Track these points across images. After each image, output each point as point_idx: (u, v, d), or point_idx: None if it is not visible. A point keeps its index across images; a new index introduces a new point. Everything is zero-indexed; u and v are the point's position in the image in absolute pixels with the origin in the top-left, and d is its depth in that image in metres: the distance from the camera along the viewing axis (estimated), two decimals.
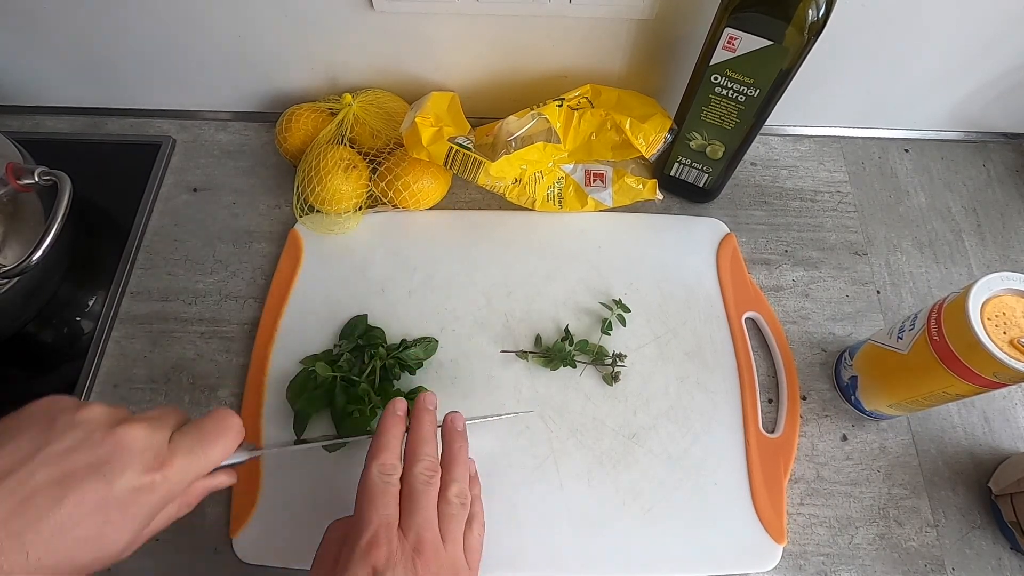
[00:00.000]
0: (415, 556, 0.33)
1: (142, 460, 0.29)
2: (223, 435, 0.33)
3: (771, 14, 0.40)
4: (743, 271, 0.55)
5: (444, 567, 0.34)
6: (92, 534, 0.27)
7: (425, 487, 0.36)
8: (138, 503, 0.29)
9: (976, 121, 0.63)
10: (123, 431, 0.29)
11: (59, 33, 0.55)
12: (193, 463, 0.31)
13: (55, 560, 0.26)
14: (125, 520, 0.28)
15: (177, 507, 0.34)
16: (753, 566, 0.43)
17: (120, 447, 0.29)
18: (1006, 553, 0.45)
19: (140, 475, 0.29)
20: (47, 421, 0.29)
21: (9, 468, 0.26)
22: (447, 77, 0.59)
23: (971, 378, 0.38)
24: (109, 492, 0.28)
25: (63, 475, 0.27)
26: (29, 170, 0.45)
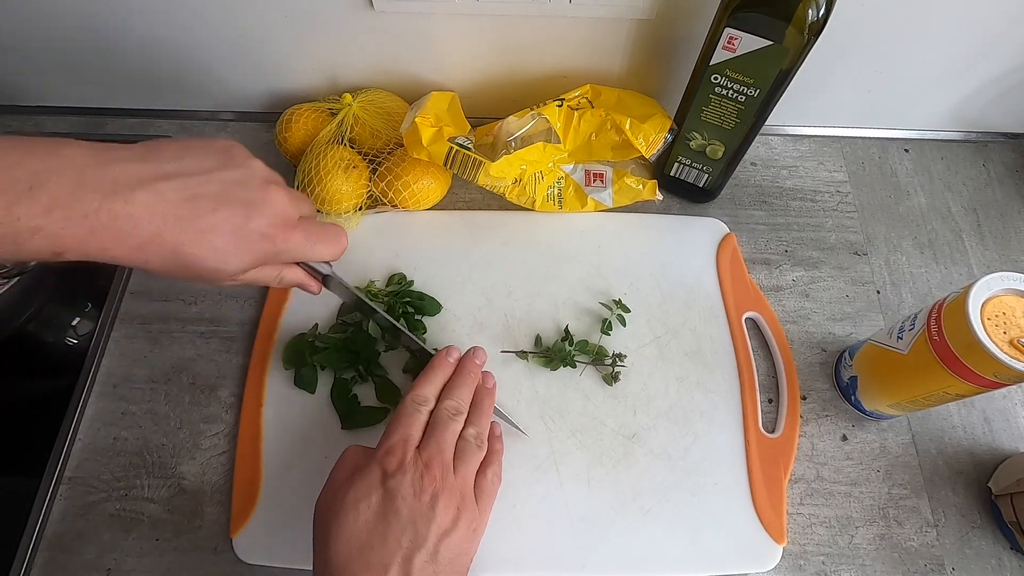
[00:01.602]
0: (424, 470, 0.37)
1: (277, 216, 0.35)
2: (335, 241, 0.40)
3: (771, 14, 0.40)
4: (743, 271, 0.55)
5: (450, 488, 0.37)
6: (221, 246, 0.33)
7: (448, 420, 0.40)
8: (258, 244, 0.35)
9: (976, 121, 0.63)
10: (274, 189, 0.36)
11: (59, 33, 0.55)
12: (306, 243, 0.38)
13: (192, 251, 0.32)
14: (245, 250, 0.34)
15: (275, 276, 0.39)
16: (753, 566, 0.43)
17: (266, 199, 0.35)
18: (1006, 553, 0.45)
19: (269, 226, 0.35)
20: (227, 154, 0.35)
21: (194, 171, 0.33)
22: (447, 77, 0.59)
23: (971, 378, 0.38)
24: (246, 224, 0.34)
25: (224, 194, 0.33)
26: None
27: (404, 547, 0.34)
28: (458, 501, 0.37)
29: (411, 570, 0.34)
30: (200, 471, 0.46)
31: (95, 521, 0.45)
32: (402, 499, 0.35)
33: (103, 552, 0.44)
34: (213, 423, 0.48)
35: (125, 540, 0.44)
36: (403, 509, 0.35)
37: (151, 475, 0.46)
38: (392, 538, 0.34)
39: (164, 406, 0.49)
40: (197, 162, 0.33)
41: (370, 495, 0.35)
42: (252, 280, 0.37)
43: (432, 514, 0.35)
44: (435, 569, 0.35)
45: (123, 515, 0.45)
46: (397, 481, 0.36)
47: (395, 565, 0.34)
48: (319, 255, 0.40)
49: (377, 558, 0.34)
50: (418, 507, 0.35)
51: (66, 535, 0.44)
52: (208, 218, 0.32)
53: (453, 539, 0.36)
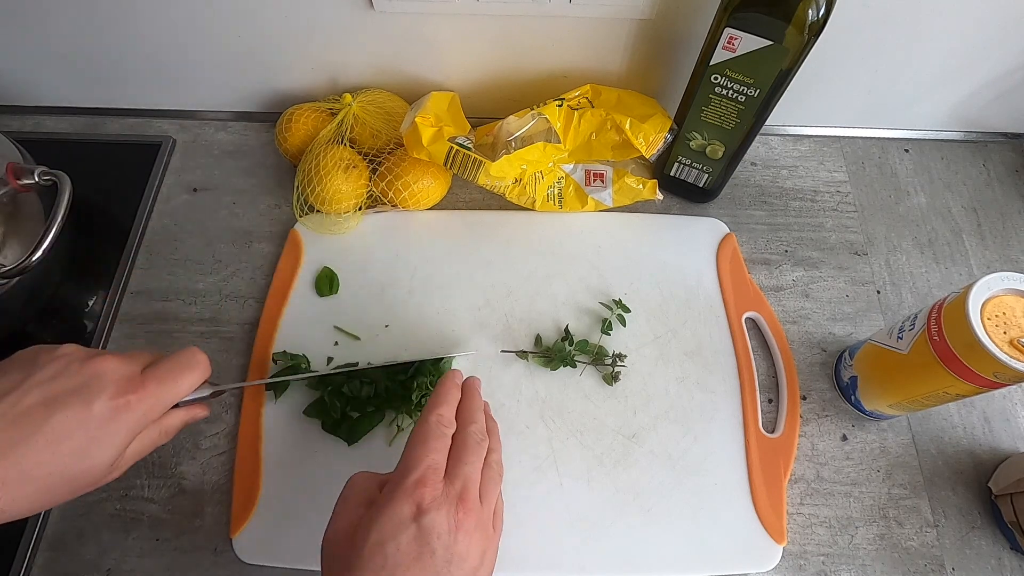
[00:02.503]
0: (459, 503, 0.34)
1: (116, 384, 0.33)
2: (191, 367, 0.36)
3: (771, 14, 0.40)
4: (743, 271, 0.55)
5: (481, 521, 0.35)
6: (78, 447, 0.31)
7: (477, 445, 0.37)
8: (116, 421, 0.32)
9: (976, 121, 0.63)
10: (98, 361, 0.33)
11: (59, 33, 0.55)
12: (164, 388, 0.34)
13: (47, 471, 0.30)
14: (106, 436, 0.32)
15: (158, 433, 0.36)
16: (753, 566, 0.43)
17: (96, 374, 0.32)
18: (1006, 553, 0.45)
19: (115, 397, 0.32)
20: (31, 358, 0.33)
21: (2, 394, 0.30)
22: (447, 77, 0.59)
23: (971, 378, 0.38)
24: (89, 412, 0.31)
25: (48, 398, 0.31)
26: (29, 170, 0.45)
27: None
28: (486, 534, 0.35)
29: None
30: (200, 471, 0.46)
31: (95, 521, 0.45)
32: (438, 538, 0.32)
33: (103, 552, 0.44)
34: (213, 423, 0.48)
35: (125, 540, 0.44)
36: (439, 550, 0.32)
37: (151, 475, 0.46)
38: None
39: None
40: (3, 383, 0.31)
41: (399, 535, 0.32)
42: (139, 454, 0.35)
43: (467, 552, 0.33)
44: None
45: (123, 515, 0.45)
46: (432, 519, 0.32)
47: None
48: (183, 388, 0.36)
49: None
50: (453, 547, 0.32)
51: (66, 535, 0.44)
52: (46, 429, 0.30)
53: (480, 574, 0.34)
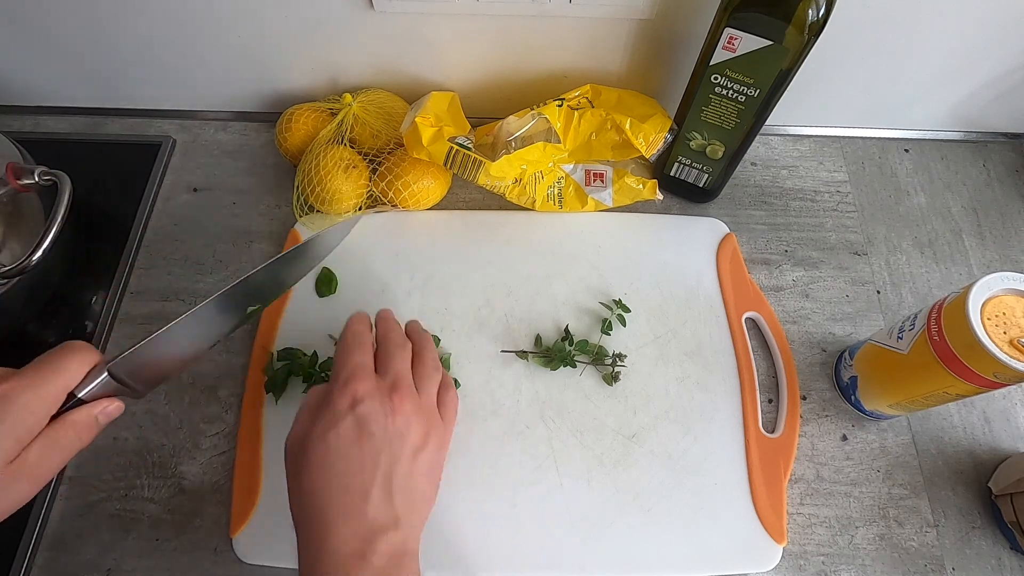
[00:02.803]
0: (392, 391, 0.36)
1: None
2: (70, 349, 0.34)
3: (771, 14, 0.40)
4: (743, 271, 0.55)
5: (418, 408, 0.37)
6: None
7: (399, 347, 0.39)
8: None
9: (976, 121, 0.63)
10: None
11: (59, 33, 0.55)
12: (41, 374, 0.33)
13: None
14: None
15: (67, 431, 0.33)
16: (753, 566, 0.43)
17: None
18: (1006, 553, 0.45)
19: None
20: None
21: None
22: (447, 77, 0.59)
23: (971, 378, 0.38)
24: None
25: None
26: (29, 170, 0.45)
27: (382, 467, 0.34)
28: (427, 419, 0.37)
29: (392, 487, 0.34)
30: (200, 471, 0.46)
31: (95, 521, 0.45)
32: (375, 422, 0.35)
33: (103, 552, 0.44)
34: (213, 423, 0.48)
35: (125, 540, 0.44)
36: (377, 432, 0.35)
37: (151, 475, 0.46)
38: (369, 461, 0.34)
39: (164, 406, 0.49)
40: None
41: (339, 423, 0.34)
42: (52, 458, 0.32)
43: (406, 432, 0.36)
44: (413, 483, 0.35)
45: (123, 515, 0.45)
46: (367, 406, 0.35)
47: (375, 486, 0.34)
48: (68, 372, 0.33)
49: (356, 483, 0.34)
50: (391, 427, 0.35)
51: (66, 535, 0.44)
52: None
53: (426, 454, 0.36)
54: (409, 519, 0.35)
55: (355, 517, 0.33)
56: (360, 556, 0.32)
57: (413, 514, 0.35)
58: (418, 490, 0.36)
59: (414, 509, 0.35)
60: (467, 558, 0.43)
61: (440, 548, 0.42)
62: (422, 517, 0.36)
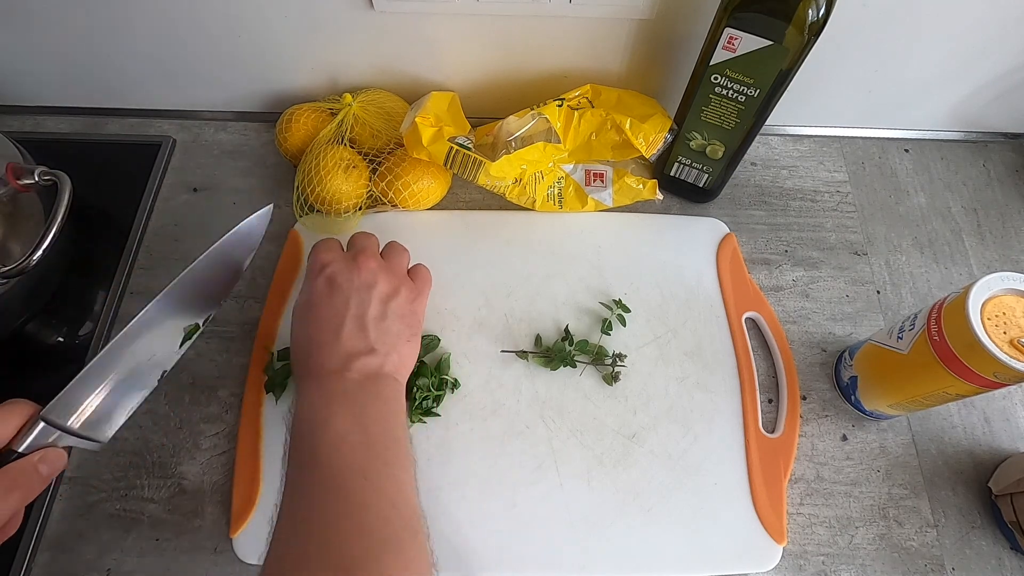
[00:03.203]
0: (356, 256, 0.42)
1: None
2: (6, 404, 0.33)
3: (771, 14, 0.40)
4: (743, 271, 0.55)
5: (384, 269, 0.42)
6: None
7: (364, 236, 0.45)
8: None
9: (976, 121, 0.63)
10: None
11: (59, 33, 0.55)
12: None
13: None
14: None
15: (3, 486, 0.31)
16: (753, 566, 0.43)
17: None
18: (1006, 553, 0.45)
19: None
20: None
21: None
22: (447, 77, 0.59)
23: (971, 378, 0.38)
24: None
25: None
26: (29, 170, 0.45)
27: (352, 310, 0.40)
28: (396, 278, 0.43)
29: (365, 324, 0.39)
30: (200, 471, 0.46)
31: (95, 521, 0.45)
32: (343, 277, 0.41)
33: (103, 552, 0.44)
34: (213, 423, 0.48)
35: (125, 540, 0.44)
36: (344, 284, 0.40)
37: (151, 475, 0.46)
38: (340, 305, 0.40)
39: (164, 406, 0.49)
40: None
41: (313, 285, 0.41)
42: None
43: (373, 283, 0.41)
44: (387, 324, 0.40)
45: (123, 515, 0.45)
46: (333, 268, 0.41)
47: (347, 322, 0.39)
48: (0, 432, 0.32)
49: (331, 323, 0.39)
50: (358, 281, 0.41)
51: (66, 535, 0.44)
52: None
53: (398, 302, 0.42)
54: (384, 349, 0.39)
55: (331, 345, 0.39)
56: (337, 373, 0.38)
57: (388, 346, 0.40)
58: (392, 330, 0.40)
59: (389, 343, 0.40)
60: (467, 558, 0.43)
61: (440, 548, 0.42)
62: (401, 353, 0.41)
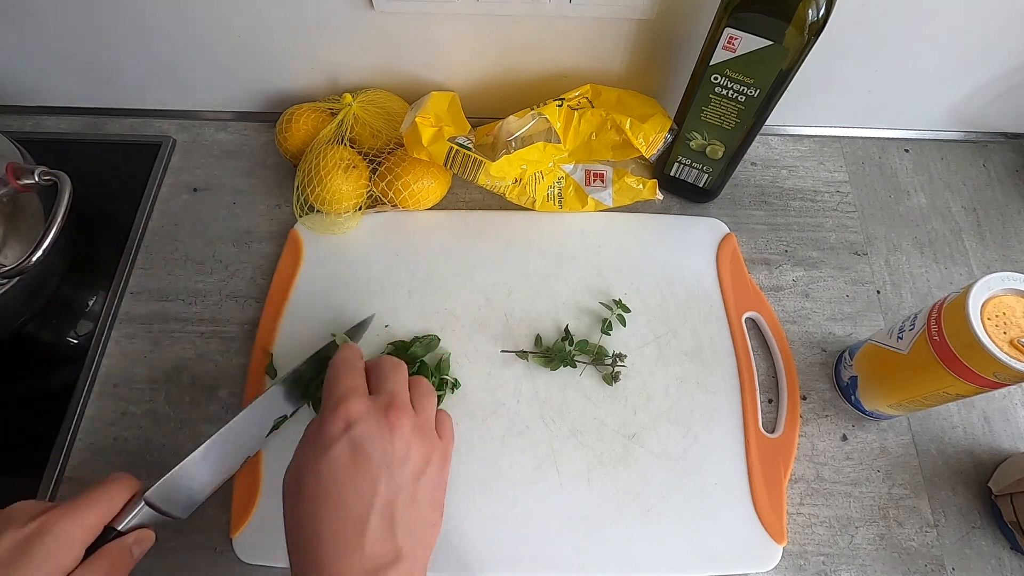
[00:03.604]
0: (388, 410, 0.34)
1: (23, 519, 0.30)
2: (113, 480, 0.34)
3: (771, 14, 0.40)
4: (743, 271, 0.55)
5: (419, 427, 0.34)
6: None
7: (394, 367, 0.37)
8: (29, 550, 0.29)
9: (976, 121, 0.63)
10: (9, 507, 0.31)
11: (59, 33, 0.55)
12: (80, 505, 0.32)
13: None
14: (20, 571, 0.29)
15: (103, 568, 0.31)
16: (753, 566, 0.43)
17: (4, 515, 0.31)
18: (1006, 553, 0.45)
19: (21, 527, 0.30)
20: None
21: None
22: (447, 77, 0.59)
23: (971, 378, 0.38)
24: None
25: None
26: (29, 170, 0.45)
27: (381, 495, 0.31)
28: (428, 439, 0.35)
29: (393, 517, 0.31)
30: None
31: None
32: (371, 442, 0.32)
33: None
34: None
35: None
36: (374, 454, 0.32)
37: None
38: (366, 487, 0.31)
39: (164, 406, 0.49)
40: None
41: (331, 449, 0.32)
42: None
43: (406, 455, 0.33)
44: (417, 512, 0.33)
45: None
46: (362, 427, 0.32)
47: (374, 515, 0.31)
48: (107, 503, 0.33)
49: (353, 512, 0.31)
50: (389, 450, 0.32)
51: None
52: None
53: (428, 476, 0.34)
54: (413, 552, 0.31)
55: (352, 552, 0.30)
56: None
57: (417, 546, 0.32)
58: (422, 519, 0.33)
59: (418, 541, 0.32)
60: (467, 558, 0.43)
61: (440, 548, 0.42)
62: (427, 548, 0.34)
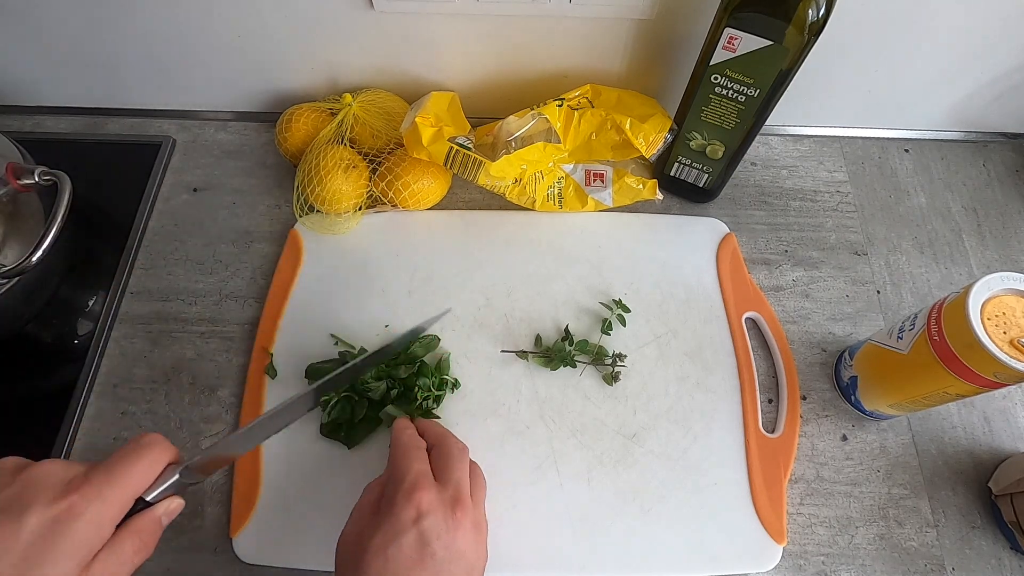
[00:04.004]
0: (455, 505, 0.35)
1: (51, 491, 0.27)
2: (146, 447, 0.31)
3: (771, 14, 0.40)
4: (743, 271, 0.55)
5: (475, 523, 0.36)
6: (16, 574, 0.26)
7: (460, 452, 0.39)
8: (58, 535, 0.27)
9: (976, 121, 0.63)
10: (33, 468, 0.28)
11: (59, 33, 0.55)
12: (114, 479, 0.29)
13: None
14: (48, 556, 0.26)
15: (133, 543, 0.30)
16: (753, 566, 0.43)
17: (28, 483, 0.28)
18: (1006, 553, 0.45)
19: (49, 505, 0.27)
20: None
21: None
22: (447, 77, 0.59)
23: (971, 378, 0.38)
24: (19, 530, 0.26)
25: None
26: (29, 170, 0.45)
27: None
28: (480, 535, 0.36)
29: None
30: None
31: None
32: (437, 539, 0.33)
33: None
34: (213, 423, 0.48)
35: None
36: (439, 551, 0.33)
37: None
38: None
39: (164, 406, 0.49)
40: None
41: (400, 538, 0.33)
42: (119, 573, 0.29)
43: (464, 550, 0.34)
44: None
45: None
46: (432, 522, 0.34)
47: None
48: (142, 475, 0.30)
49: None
50: (452, 546, 0.34)
51: None
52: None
53: (477, 571, 0.36)
54: None
55: None
56: None
57: None
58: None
59: None
60: None
61: None
62: None
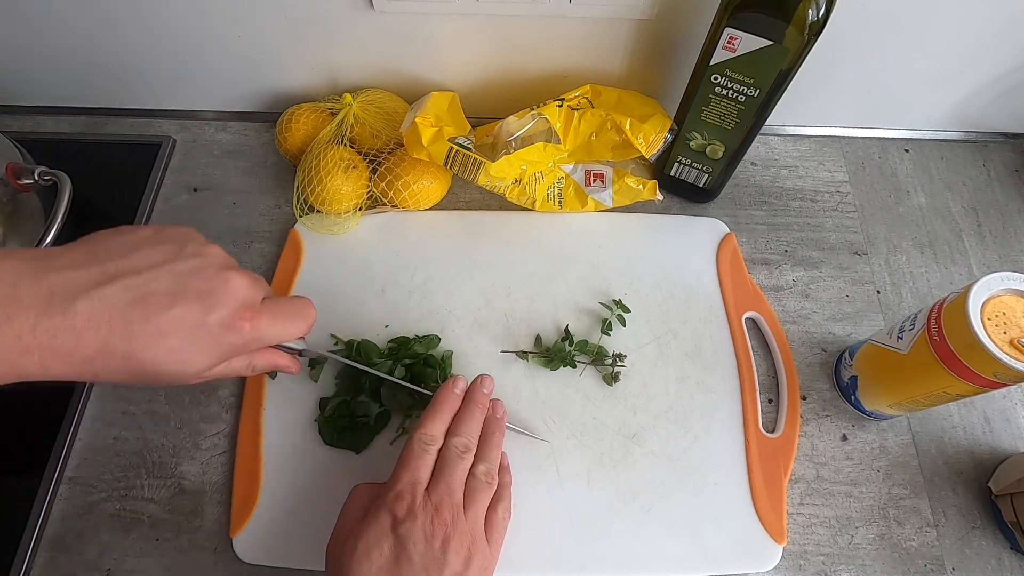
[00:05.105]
0: (434, 514, 0.36)
1: (237, 304, 0.32)
2: (303, 316, 0.38)
3: (771, 14, 0.40)
4: (743, 271, 0.55)
5: (460, 531, 0.36)
6: (179, 347, 0.31)
7: (457, 459, 0.39)
8: (221, 338, 0.32)
9: (976, 121, 0.63)
10: (232, 275, 0.33)
11: (59, 33, 0.55)
12: (275, 326, 0.35)
13: (147, 356, 0.30)
14: (207, 347, 0.32)
15: (246, 365, 0.37)
16: (753, 566, 0.43)
17: (225, 287, 0.32)
18: (1006, 553, 0.45)
19: (231, 316, 0.32)
20: (179, 243, 0.33)
21: (142, 268, 0.30)
22: (447, 77, 0.59)
23: (971, 378, 0.38)
24: (204, 319, 0.31)
25: (177, 290, 0.31)
26: (29, 170, 0.46)
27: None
28: (469, 543, 0.36)
29: None
30: (200, 471, 0.46)
31: (95, 521, 0.45)
32: (413, 545, 0.35)
33: (103, 552, 0.44)
34: (213, 423, 0.48)
35: (125, 540, 0.44)
36: (415, 556, 0.34)
37: (151, 475, 0.46)
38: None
39: (164, 406, 0.49)
40: (146, 256, 0.31)
41: (381, 543, 0.35)
42: (221, 375, 0.35)
43: (444, 559, 0.35)
44: None
45: (123, 515, 0.45)
46: (408, 528, 0.35)
47: None
48: (290, 334, 0.37)
49: None
50: (430, 553, 0.35)
51: (66, 535, 0.44)
52: (161, 318, 0.30)
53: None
54: None
55: None
56: None
57: None
58: None
59: None
60: None
61: None
62: None
